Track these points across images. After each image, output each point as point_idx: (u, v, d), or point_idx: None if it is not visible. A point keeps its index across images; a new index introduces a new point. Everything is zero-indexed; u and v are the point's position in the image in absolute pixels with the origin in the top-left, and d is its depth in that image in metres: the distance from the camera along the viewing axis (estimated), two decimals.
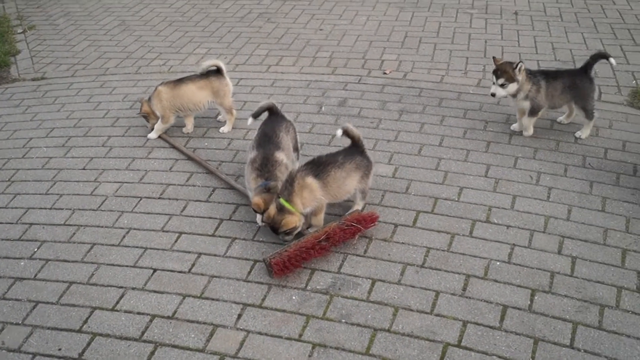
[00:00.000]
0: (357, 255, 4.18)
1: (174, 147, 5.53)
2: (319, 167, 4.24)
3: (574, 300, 3.74)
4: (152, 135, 5.69)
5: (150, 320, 3.80)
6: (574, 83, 5.17)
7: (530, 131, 5.36)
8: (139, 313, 3.86)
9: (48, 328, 3.81)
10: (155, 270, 4.17)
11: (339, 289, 3.93)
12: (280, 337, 3.63)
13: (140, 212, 4.75)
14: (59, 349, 3.66)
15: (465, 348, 3.48)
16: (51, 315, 3.90)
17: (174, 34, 8.16)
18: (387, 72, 6.66)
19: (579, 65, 5.42)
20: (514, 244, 4.19)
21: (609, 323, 3.59)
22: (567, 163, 5.00)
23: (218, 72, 5.63)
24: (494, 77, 5.13)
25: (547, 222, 4.37)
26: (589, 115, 5.23)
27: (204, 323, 3.75)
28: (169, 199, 4.86)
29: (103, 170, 5.31)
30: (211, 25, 8.33)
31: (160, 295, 3.97)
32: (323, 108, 6.02)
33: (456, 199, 4.63)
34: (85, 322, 3.83)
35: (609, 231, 4.26)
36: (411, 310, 3.74)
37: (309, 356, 3.50)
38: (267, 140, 4.59)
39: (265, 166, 4.41)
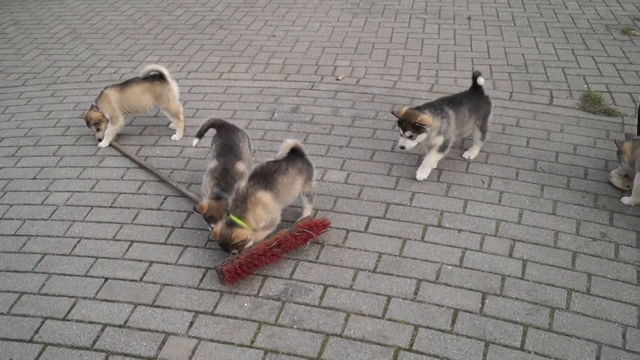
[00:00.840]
0: (309, 261, 4.17)
1: (125, 155, 5.46)
2: (265, 177, 4.17)
3: (525, 303, 3.77)
4: (104, 143, 5.62)
5: (102, 330, 3.74)
6: (478, 104, 5.00)
7: (426, 174, 4.89)
8: (90, 322, 3.80)
9: None
10: (106, 279, 4.11)
11: (291, 295, 3.91)
12: (233, 343, 3.60)
13: (91, 221, 4.68)
14: (10, 359, 3.58)
15: (417, 352, 3.49)
16: (2, 326, 3.82)
17: (125, 41, 8.08)
18: (340, 78, 6.68)
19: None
20: (465, 248, 4.21)
21: (560, 325, 3.63)
22: (518, 167, 5.06)
23: (161, 77, 5.60)
24: (400, 129, 4.71)
25: (498, 225, 4.41)
26: (484, 135, 5.11)
27: (156, 331, 3.71)
28: (120, 207, 4.79)
29: (54, 180, 5.22)
30: (163, 33, 8.26)
31: (111, 304, 3.91)
32: (276, 114, 6.00)
33: (408, 204, 4.65)
34: (37, 332, 3.76)
35: (559, 234, 4.32)
36: (363, 315, 3.74)
37: None
38: (227, 150, 4.56)
39: (224, 177, 4.38)
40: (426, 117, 4.60)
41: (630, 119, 5.60)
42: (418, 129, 4.59)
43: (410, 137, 4.64)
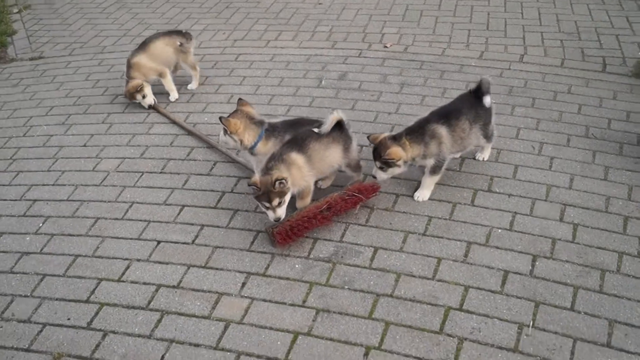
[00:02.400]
0: (359, 224, 4.19)
1: (174, 122, 5.54)
2: (298, 142, 4.16)
3: (575, 266, 3.75)
4: (174, 95, 5.97)
5: (156, 290, 3.83)
6: (477, 114, 4.40)
7: (427, 195, 4.41)
8: (144, 283, 3.90)
9: (56, 299, 3.85)
10: (159, 242, 4.20)
11: (342, 257, 3.94)
12: (284, 303, 3.66)
13: (142, 186, 4.77)
14: (68, 319, 3.71)
15: (467, 311, 3.51)
16: (59, 287, 3.94)
17: (171, 10, 8.15)
18: (388, 45, 6.64)
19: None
20: (515, 212, 4.19)
21: (610, 287, 3.61)
22: (570, 133, 4.99)
23: (180, 32, 6.00)
24: (373, 158, 4.30)
25: (549, 190, 4.37)
26: (491, 139, 4.62)
27: (209, 291, 3.79)
28: (171, 173, 4.88)
29: (104, 147, 5.33)
30: (209, 1, 8.29)
31: (165, 266, 4.00)
32: (323, 82, 6.01)
33: (457, 169, 4.63)
34: (92, 292, 3.87)
35: (611, 199, 4.26)
36: (413, 276, 3.76)
37: (313, 320, 3.53)
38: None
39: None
40: (394, 151, 4.13)
41: None
42: (387, 162, 4.21)
43: (381, 169, 4.24)
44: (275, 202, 3.92)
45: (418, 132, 4.25)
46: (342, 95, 5.73)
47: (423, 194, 4.39)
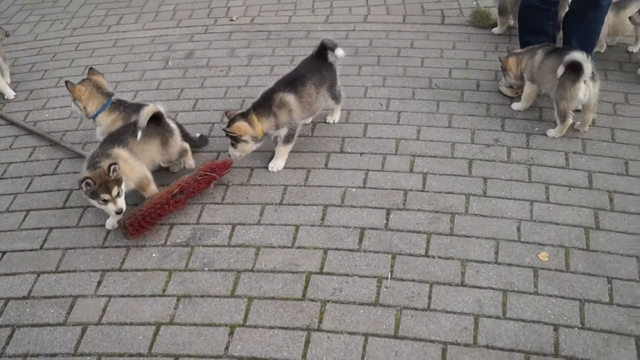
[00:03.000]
0: (215, 203, 4.13)
1: (12, 123, 5.22)
2: (117, 138, 4.03)
3: (427, 213, 3.87)
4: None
5: (5, 304, 3.61)
6: (323, 76, 4.44)
7: (281, 164, 4.38)
8: None
9: None
10: (4, 253, 3.95)
11: (199, 239, 3.87)
12: (144, 295, 3.56)
13: None
14: None
15: (328, 273, 3.54)
16: None
17: (2, 3, 7.64)
18: (234, 18, 6.55)
19: None
20: (367, 169, 4.26)
21: (460, 228, 3.75)
22: (414, 86, 5.11)
23: None
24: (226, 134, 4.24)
25: (398, 144, 4.47)
26: (339, 100, 4.65)
27: (63, 296, 3.61)
28: (12, 177, 4.59)
29: None
30: None
31: (12, 277, 3.77)
32: (170, 62, 5.86)
33: (310, 135, 4.64)
34: None
35: (456, 144, 4.42)
36: (273, 247, 3.75)
37: (175, 308, 3.45)
38: None
39: None
40: (237, 126, 4.09)
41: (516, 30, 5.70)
42: (235, 138, 4.15)
43: (233, 145, 4.19)
44: (115, 191, 3.74)
45: (265, 104, 4.21)
46: (190, 74, 5.61)
47: (277, 163, 4.36)
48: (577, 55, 4.11)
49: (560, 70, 4.18)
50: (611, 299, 3.30)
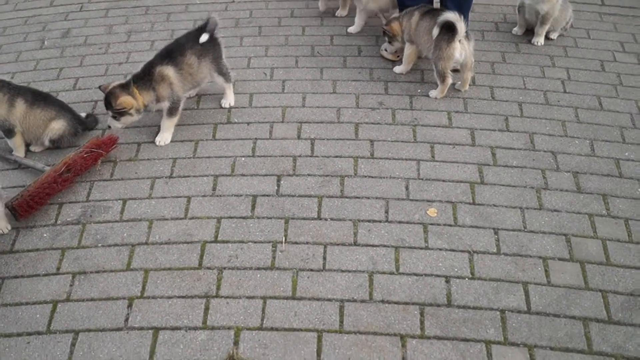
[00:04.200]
0: (104, 180, 4.10)
1: None
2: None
3: (317, 177, 3.99)
4: None
5: None
6: (205, 48, 4.41)
7: (168, 138, 4.38)
8: None
9: None
10: None
11: (90, 216, 3.85)
12: (38, 275, 3.51)
13: None
14: None
15: (222, 241, 3.61)
16: None
17: None
18: None
19: None
20: (256, 138, 4.33)
21: (350, 190, 3.89)
22: (297, 55, 5.20)
23: None
24: (105, 107, 4.24)
25: (284, 112, 4.55)
26: (228, 77, 4.61)
27: None
28: None
29: None
30: None
31: None
32: (46, 42, 5.68)
33: (196, 107, 4.66)
34: None
35: (341, 109, 4.55)
36: (166, 219, 3.78)
37: (70, 285, 3.43)
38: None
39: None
40: (124, 101, 4.11)
41: None
42: (120, 112, 4.16)
43: (115, 118, 4.19)
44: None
45: (145, 77, 4.20)
46: (68, 53, 5.47)
47: (164, 137, 4.37)
48: (450, 16, 4.32)
49: (435, 31, 4.38)
50: (498, 249, 3.52)
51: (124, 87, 4.14)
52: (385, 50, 5.07)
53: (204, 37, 4.34)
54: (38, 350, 3.12)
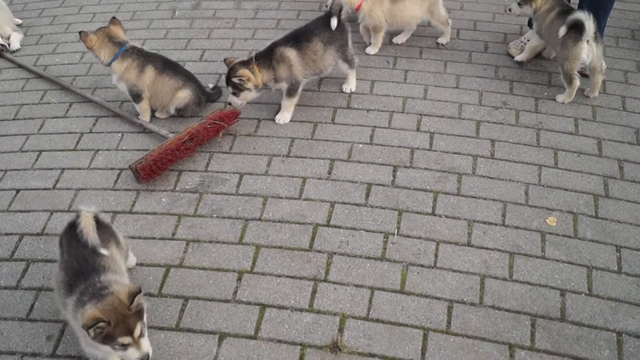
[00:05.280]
0: (223, 152, 4.20)
1: (22, 66, 5.24)
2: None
3: (434, 172, 3.94)
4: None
5: (20, 239, 3.71)
6: (332, 35, 4.38)
7: (288, 117, 4.44)
8: (6, 234, 3.76)
9: None
10: (18, 190, 4.04)
11: (208, 186, 3.95)
12: (154, 238, 3.65)
13: None
14: None
15: (335, 226, 3.62)
16: None
17: None
18: None
19: None
20: (374, 126, 4.32)
21: (467, 189, 3.82)
22: (421, 46, 5.13)
23: None
24: (226, 83, 4.34)
25: (405, 102, 4.52)
26: (352, 64, 4.59)
27: None
28: (25, 119, 4.65)
29: None
30: None
31: (26, 214, 3.87)
32: (177, 12, 5.85)
33: (317, 90, 4.69)
34: None
35: (463, 105, 4.46)
36: (280, 197, 3.83)
37: (184, 252, 3.55)
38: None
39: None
40: (244, 71, 4.16)
41: None
42: (237, 86, 4.21)
43: (234, 94, 4.27)
44: (137, 330, 2.73)
45: (266, 56, 4.26)
46: (197, 25, 5.61)
47: (284, 116, 4.42)
48: (580, 15, 4.14)
49: (563, 30, 4.22)
50: (619, 267, 3.37)
51: (245, 63, 4.21)
52: (512, 48, 4.93)
53: (333, 22, 4.32)
54: (149, 311, 3.20)
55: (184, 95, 4.41)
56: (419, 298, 3.23)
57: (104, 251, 2.91)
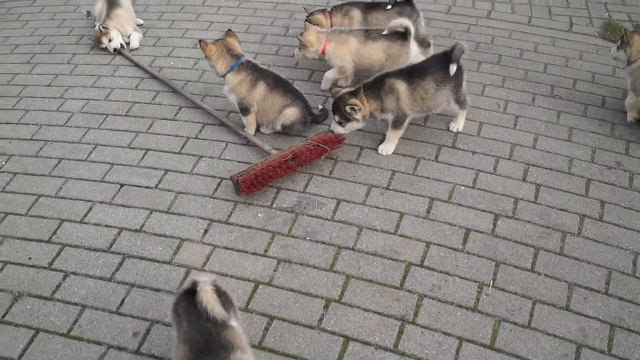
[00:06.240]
0: (323, 175, 4.19)
1: (138, 66, 5.41)
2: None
3: (537, 226, 3.80)
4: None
5: (118, 233, 3.82)
6: (446, 76, 4.29)
7: (391, 149, 4.40)
8: (107, 226, 3.88)
9: (18, 238, 3.84)
10: (122, 185, 4.17)
11: (305, 207, 3.95)
12: (246, 252, 3.67)
13: (106, 128, 4.72)
14: (29, 258, 3.70)
15: (428, 268, 3.55)
16: (20, 226, 3.92)
17: None
18: None
19: None
20: (479, 170, 4.22)
21: (571, 249, 3.66)
22: (535, 92, 5.01)
23: None
24: (333, 112, 4.30)
25: (512, 149, 4.40)
26: (463, 105, 4.50)
27: (171, 237, 3.78)
28: (135, 116, 4.80)
29: (69, 87, 5.25)
30: None
31: (127, 210, 3.98)
32: (290, 30, 5.92)
33: (422, 124, 4.63)
34: (54, 233, 3.85)
35: (574, 160, 4.31)
36: (375, 230, 3.79)
37: (274, 270, 3.55)
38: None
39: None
40: (356, 102, 4.12)
41: None
42: (346, 115, 4.17)
43: (340, 124, 4.24)
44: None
45: (375, 86, 4.23)
46: None
47: (387, 147, 4.38)
48: None
49: None
50: None
51: (354, 93, 4.18)
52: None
53: (452, 68, 4.25)
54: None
55: (291, 113, 4.44)
56: (509, 357, 3.10)
57: (233, 322, 2.73)
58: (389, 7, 5.01)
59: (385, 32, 4.72)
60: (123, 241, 3.76)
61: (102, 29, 5.60)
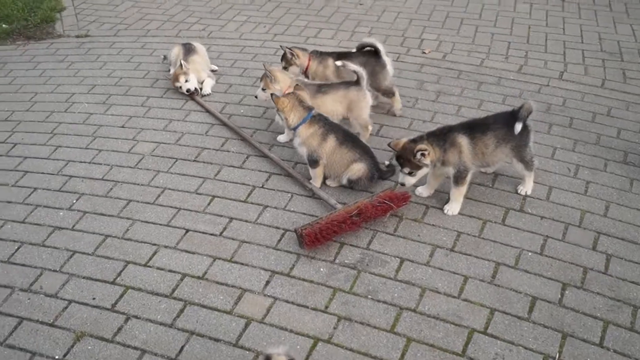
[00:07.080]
0: (387, 233, 4.16)
1: (209, 112, 5.53)
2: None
3: (607, 299, 3.67)
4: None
5: (181, 279, 3.86)
6: (509, 133, 4.24)
7: (456, 209, 4.37)
8: (170, 271, 3.93)
9: (83, 277, 3.92)
10: (187, 230, 4.22)
11: (367, 265, 3.91)
12: (307, 307, 3.65)
13: (175, 173, 4.80)
14: (93, 298, 3.76)
15: (492, 336, 3.46)
16: (87, 265, 4.00)
17: (213, 0, 8.17)
18: (427, 51, 6.57)
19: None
20: (547, 236, 4.12)
21: None
22: (607, 158, 4.89)
23: None
24: (399, 165, 4.30)
25: (583, 216, 4.29)
26: (529, 166, 4.41)
27: (233, 286, 3.80)
28: (204, 162, 4.89)
29: (141, 130, 5.38)
30: None
31: (191, 256, 4.02)
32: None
33: (490, 186, 4.57)
34: (119, 274, 3.92)
35: None
36: (438, 292, 3.72)
37: (334, 328, 3.51)
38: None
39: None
40: (424, 146, 4.12)
41: None
42: (416, 163, 4.16)
43: (410, 174, 4.22)
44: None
45: (439, 136, 4.22)
46: (377, 99, 5.67)
47: (453, 207, 4.33)
48: None
49: None
50: None
51: (416, 141, 4.17)
52: None
53: (518, 127, 4.20)
54: None
55: (359, 168, 4.44)
56: None
57: None
58: (339, 62, 5.05)
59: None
60: (185, 287, 3.79)
61: (182, 65, 5.73)
